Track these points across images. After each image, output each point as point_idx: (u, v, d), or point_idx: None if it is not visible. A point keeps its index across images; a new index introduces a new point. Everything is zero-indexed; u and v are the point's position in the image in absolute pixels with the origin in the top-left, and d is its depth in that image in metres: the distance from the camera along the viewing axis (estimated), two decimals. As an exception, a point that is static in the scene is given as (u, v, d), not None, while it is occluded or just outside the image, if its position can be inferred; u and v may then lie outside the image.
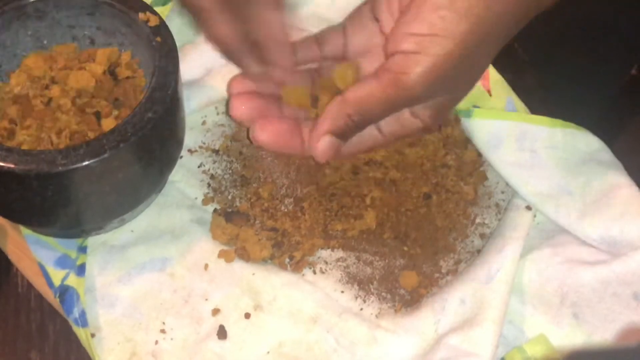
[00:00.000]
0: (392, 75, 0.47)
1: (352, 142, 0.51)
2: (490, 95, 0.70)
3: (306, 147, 0.51)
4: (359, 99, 0.48)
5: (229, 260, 0.60)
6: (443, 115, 0.51)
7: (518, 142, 0.65)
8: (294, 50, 0.53)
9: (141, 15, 0.58)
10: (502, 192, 0.66)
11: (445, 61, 0.46)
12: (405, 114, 0.50)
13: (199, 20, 0.51)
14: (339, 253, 0.62)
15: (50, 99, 0.58)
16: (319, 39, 0.54)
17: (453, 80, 0.48)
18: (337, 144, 0.50)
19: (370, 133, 0.51)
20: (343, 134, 0.50)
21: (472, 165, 0.66)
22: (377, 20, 0.52)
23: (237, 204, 0.63)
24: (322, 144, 0.50)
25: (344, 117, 0.49)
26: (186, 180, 0.64)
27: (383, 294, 0.60)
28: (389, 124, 0.51)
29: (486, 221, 0.64)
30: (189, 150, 0.66)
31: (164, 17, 0.60)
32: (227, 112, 0.53)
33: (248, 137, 0.60)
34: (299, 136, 0.52)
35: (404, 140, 0.65)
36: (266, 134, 0.50)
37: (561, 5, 0.79)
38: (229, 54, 0.52)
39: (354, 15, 0.54)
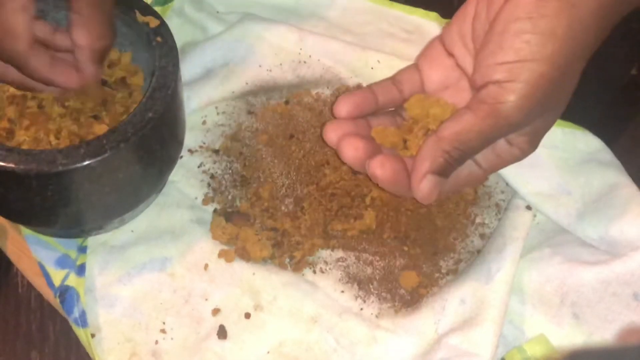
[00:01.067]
0: (488, 106, 0.46)
1: (451, 179, 0.51)
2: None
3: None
4: (456, 134, 0.48)
5: (229, 260, 0.60)
6: (539, 140, 0.51)
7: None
8: (374, 94, 0.53)
9: (141, 16, 0.59)
10: (502, 192, 0.66)
11: (538, 85, 0.46)
12: (501, 143, 0.50)
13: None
14: (339, 253, 0.62)
15: (42, 100, 0.58)
16: (395, 81, 0.54)
17: (548, 102, 0.47)
18: (440, 182, 0.50)
19: (468, 169, 0.51)
20: (444, 172, 0.49)
21: (472, 165, 0.66)
22: (451, 55, 0.52)
23: (237, 204, 0.63)
24: (425, 185, 0.49)
25: (443, 155, 0.49)
26: (186, 180, 0.64)
27: (383, 294, 0.60)
28: (485, 157, 0.51)
29: (486, 221, 0.64)
30: (189, 150, 0.66)
31: (164, 17, 0.60)
32: (340, 158, 0.53)
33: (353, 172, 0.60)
34: (408, 175, 0.51)
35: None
36: (385, 171, 0.50)
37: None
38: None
39: (426, 53, 0.54)
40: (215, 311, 0.58)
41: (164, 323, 0.58)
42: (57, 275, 0.59)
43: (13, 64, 0.52)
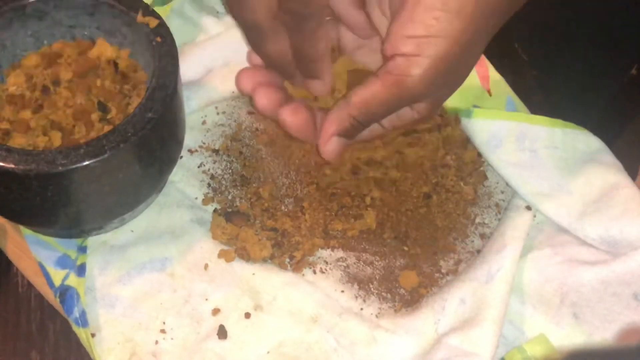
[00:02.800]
0: (394, 78, 0.49)
1: None
2: (490, 95, 0.70)
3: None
4: (364, 101, 0.51)
5: (229, 260, 0.60)
6: (438, 107, 0.54)
7: (518, 142, 0.65)
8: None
9: (141, 16, 0.59)
10: (502, 192, 0.66)
11: (443, 61, 0.48)
12: (404, 110, 0.52)
13: (253, 35, 0.52)
14: (339, 253, 0.62)
15: (47, 87, 0.58)
16: None
17: (451, 76, 0.50)
18: (344, 143, 0.53)
19: (370, 127, 0.54)
20: (349, 134, 0.52)
21: (472, 165, 0.66)
22: (369, 18, 0.54)
23: (237, 204, 0.63)
24: (330, 145, 0.52)
25: (350, 119, 0.51)
26: (186, 180, 0.64)
27: (383, 294, 0.60)
28: (387, 117, 0.53)
29: (486, 221, 0.64)
30: (189, 150, 0.66)
31: (164, 17, 0.60)
32: (253, 105, 0.54)
33: (252, 107, 0.60)
34: (315, 126, 0.54)
35: (404, 140, 0.65)
36: (296, 119, 0.52)
37: (561, 6, 0.79)
38: (280, 68, 0.54)
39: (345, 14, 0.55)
40: (215, 311, 0.58)
41: (164, 323, 0.58)
42: (57, 275, 0.59)
43: (249, 38, 0.52)
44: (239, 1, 0.50)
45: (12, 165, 0.51)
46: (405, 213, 0.63)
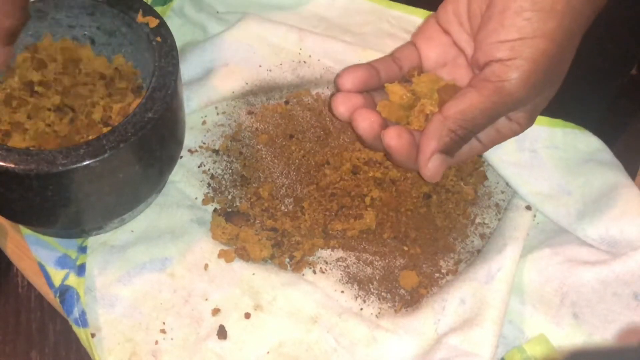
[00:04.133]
0: (492, 84, 0.47)
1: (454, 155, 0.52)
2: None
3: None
4: (461, 113, 0.49)
5: (229, 260, 0.60)
6: (537, 115, 0.52)
7: (518, 142, 0.65)
8: (376, 70, 0.54)
9: (141, 16, 0.59)
10: (502, 192, 0.66)
11: (540, 61, 0.47)
12: (501, 119, 0.51)
13: None
14: (339, 253, 0.62)
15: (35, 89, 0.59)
16: (394, 57, 0.55)
17: (549, 78, 0.49)
18: (446, 160, 0.51)
19: (469, 144, 0.52)
20: (450, 150, 0.50)
21: (472, 165, 0.66)
22: (447, 33, 0.53)
23: (237, 204, 0.63)
24: (432, 164, 0.50)
25: (449, 134, 0.49)
26: (186, 180, 0.64)
27: (383, 294, 0.60)
28: (486, 132, 0.51)
29: (486, 221, 0.64)
30: (189, 150, 0.66)
31: (164, 17, 0.60)
32: (353, 129, 0.53)
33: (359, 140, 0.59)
34: (415, 148, 0.52)
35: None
36: (401, 142, 0.50)
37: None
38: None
39: (423, 31, 0.55)
40: (215, 311, 0.58)
41: (164, 323, 0.58)
42: (57, 275, 0.59)
43: None
44: None
45: (12, 165, 0.51)
46: (405, 213, 0.63)
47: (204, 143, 0.67)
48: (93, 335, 0.57)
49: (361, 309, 0.59)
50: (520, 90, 0.47)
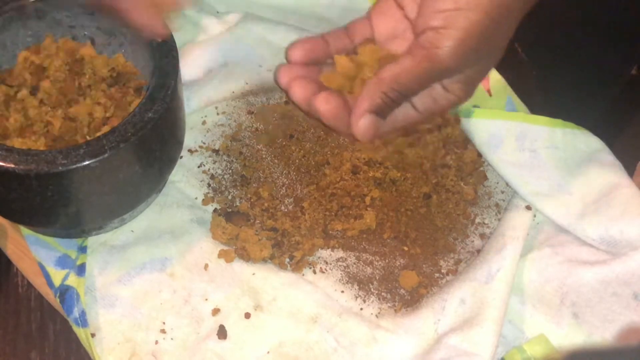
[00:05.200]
0: (425, 51, 0.49)
1: (389, 120, 0.53)
2: (490, 95, 0.70)
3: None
4: (394, 76, 0.51)
5: (229, 260, 0.60)
6: (473, 87, 0.53)
7: (518, 142, 0.65)
8: (326, 42, 0.56)
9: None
10: (502, 192, 0.66)
11: (472, 32, 0.49)
12: (437, 89, 0.52)
13: None
14: (339, 253, 0.62)
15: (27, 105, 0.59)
16: (347, 30, 0.57)
17: (481, 50, 0.50)
18: (377, 121, 0.52)
19: (405, 111, 0.54)
20: (381, 112, 0.52)
21: (472, 165, 0.66)
22: (400, 7, 0.55)
23: (237, 204, 0.63)
24: (362, 123, 0.52)
25: (381, 95, 0.51)
26: (186, 180, 0.64)
27: (383, 294, 0.60)
28: (422, 101, 0.53)
29: (486, 221, 0.64)
30: (189, 150, 0.66)
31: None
32: (288, 99, 0.55)
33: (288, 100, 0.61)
34: (348, 114, 0.54)
35: (404, 140, 0.65)
36: (329, 106, 0.52)
37: (562, 6, 0.79)
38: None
39: (378, 5, 0.57)
40: (215, 311, 0.58)
41: (164, 323, 0.58)
42: (57, 275, 0.59)
43: None
44: None
45: (12, 165, 0.51)
46: (405, 213, 0.63)
47: (204, 143, 0.67)
48: (93, 335, 0.57)
49: (361, 308, 0.59)
50: (451, 58, 0.49)
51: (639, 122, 0.74)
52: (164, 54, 0.57)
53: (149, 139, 0.55)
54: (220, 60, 0.70)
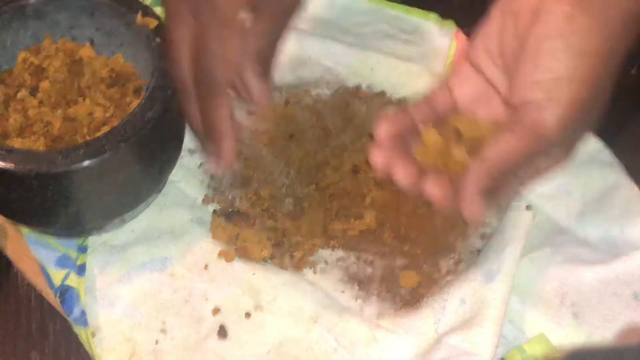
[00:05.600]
0: (528, 127, 0.47)
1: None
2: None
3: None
4: (500, 157, 0.48)
5: (229, 260, 0.61)
6: (574, 149, 0.51)
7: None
8: (409, 115, 0.53)
9: (141, 17, 0.59)
10: (502, 192, 0.66)
11: (575, 102, 0.46)
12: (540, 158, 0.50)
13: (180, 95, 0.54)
14: (339, 253, 0.62)
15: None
16: (428, 100, 0.54)
17: (584, 118, 0.48)
18: (487, 203, 0.50)
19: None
20: (490, 193, 0.50)
21: (472, 165, 0.66)
22: (480, 72, 0.53)
23: (237, 204, 0.63)
24: (473, 208, 0.49)
25: (487, 177, 0.49)
26: (186, 180, 0.64)
27: (383, 293, 0.60)
28: (524, 170, 0.50)
29: (486, 221, 0.64)
30: (189, 150, 0.66)
31: (163, 18, 0.60)
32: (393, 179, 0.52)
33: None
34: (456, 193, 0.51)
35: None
36: (440, 191, 0.50)
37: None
38: (194, 130, 0.55)
39: (456, 71, 0.54)
40: (216, 311, 0.58)
41: (164, 323, 0.58)
42: (57, 275, 0.59)
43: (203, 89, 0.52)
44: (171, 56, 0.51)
45: (12, 165, 0.51)
46: (405, 213, 0.63)
47: (204, 143, 0.66)
48: (93, 335, 0.57)
49: (361, 308, 0.59)
50: (556, 132, 0.47)
51: (639, 122, 0.74)
52: (164, 54, 0.57)
53: (149, 139, 0.55)
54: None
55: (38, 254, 0.60)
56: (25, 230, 0.61)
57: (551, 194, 0.63)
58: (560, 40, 0.46)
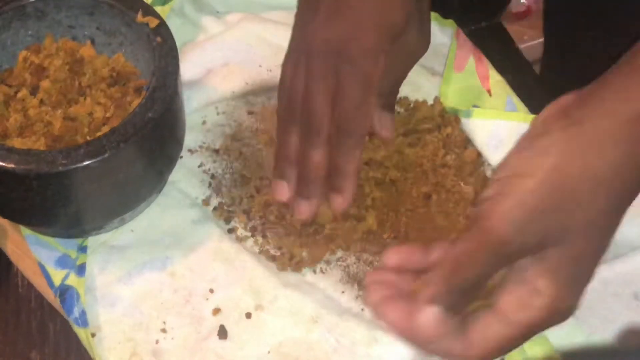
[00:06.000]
0: (478, 225, 0.43)
1: (478, 339, 0.45)
2: (490, 95, 0.70)
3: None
4: (454, 259, 0.44)
5: (229, 260, 0.60)
6: (568, 282, 0.45)
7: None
8: (427, 252, 0.48)
9: (141, 16, 0.59)
10: (502, 192, 0.66)
11: (527, 198, 0.42)
12: (522, 291, 0.44)
13: (309, 134, 0.55)
14: (339, 253, 0.62)
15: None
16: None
17: (549, 222, 0.43)
18: (444, 316, 0.43)
19: (497, 327, 0.45)
20: (449, 303, 0.44)
21: (472, 165, 0.66)
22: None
23: (237, 203, 0.63)
24: (425, 316, 0.43)
25: (443, 282, 0.43)
26: (186, 180, 0.64)
27: (383, 294, 0.60)
28: (512, 312, 0.45)
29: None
30: (189, 150, 0.66)
31: (164, 17, 0.60)
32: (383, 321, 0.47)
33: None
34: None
35: (404, 140, 0.65)
36: (442, 330, 0.44)
37: (561, 6, 0.78)
38: (313, 176, 0.57)
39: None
40: (216, 311, 0.58)
41: (164, 323, 0.58)
42: (57, 275, 0.59)
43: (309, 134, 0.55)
44: (310, 99, 0.54)
45: (12, 165, 0.51)
46: (405, 213, 0.63)
47: (204, 143, 0.66)
48: (93, 335, 0.57)
49: (362, 309, 0.59)
50: (507, 229, 0.42)
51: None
52: (164, 54, 0.57)
53: (149, 139, 0.55)
54: (221, 60, 0.70)
55: (38, 254, 0.60)
56: (25, 230, 0.61)
57: (551, 194, 0.63)
58: (527, 141, 0.44)
